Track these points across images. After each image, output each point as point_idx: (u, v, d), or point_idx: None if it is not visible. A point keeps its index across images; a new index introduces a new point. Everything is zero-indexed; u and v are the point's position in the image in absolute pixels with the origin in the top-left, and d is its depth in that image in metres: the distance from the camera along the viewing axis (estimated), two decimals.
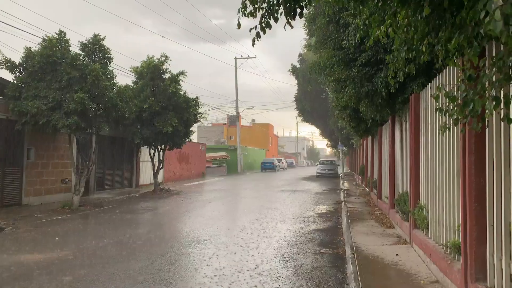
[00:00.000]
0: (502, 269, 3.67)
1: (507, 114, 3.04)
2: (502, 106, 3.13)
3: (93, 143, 14.91)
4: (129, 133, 17.64)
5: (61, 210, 12.52)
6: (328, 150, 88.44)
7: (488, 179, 3.97)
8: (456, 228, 4.92)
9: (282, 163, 56.71)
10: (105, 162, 18.48)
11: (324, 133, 43.01)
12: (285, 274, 5.97)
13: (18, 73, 12.46)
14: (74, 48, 13.18)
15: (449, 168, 5.27)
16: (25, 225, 9.98)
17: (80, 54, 12.94)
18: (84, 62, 12.75)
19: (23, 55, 12.39)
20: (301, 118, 42.29)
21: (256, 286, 5.40)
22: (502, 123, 3.67)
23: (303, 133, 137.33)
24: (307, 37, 19.83)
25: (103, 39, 13.42)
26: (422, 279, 5.41)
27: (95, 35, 13.37)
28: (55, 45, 12.29)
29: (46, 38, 12.43)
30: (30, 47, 12.48)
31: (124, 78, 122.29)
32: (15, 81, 12.36)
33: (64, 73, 12.08)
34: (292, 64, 35.78)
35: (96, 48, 13.30)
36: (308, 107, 37.29)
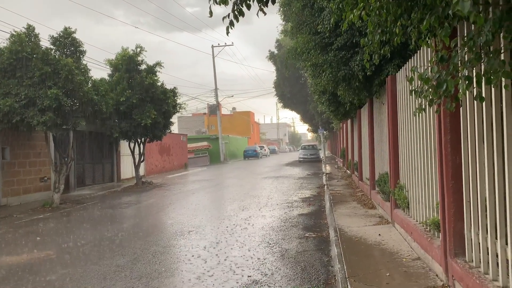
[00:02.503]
0: (479, 243, 3.78)
1: (479, 93, 3.09)
2: (474, 85, 3.18)
3: (70, 139, 14.61)
4: (107, 127, 17.32)
5: (42, 209, 12.29)
6: (310, 135, 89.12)
7: (463, 157, 4.06)
8: (435, 205, 5.04)
9: (265, 150, 56.85)
10: (85, 158, 18.18)
11: (305, 118, 43.16)
12: (271, 259, 6.03)
13: None
14: (45, 43, 12.83)
15: (427, 148, 5.37)
16: (4, 226, 9.76)
17: (51, 49, 12.57)
18: (56, 56, 12.39)
19: None
20: (281, 104, 42.31)
21: (242, 273, 5.43)
22: (475, 102, 3.74)
23: (284, 119, 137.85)
24: (283, 23, 19.74)
25: (74, 32, 13.06)
26: (404, 257, 5.54)
27: (65, 28, 12.99)
28: (24, 40, 11.90)
29: (15, 34, 12.01)
30: None
31: (99, 71, 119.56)
32: None
33: (35, 69, 11.73)
34: (269, 51, 35.59)
35: (67, 42, 12.95)
36: (288, 92, 37.31)
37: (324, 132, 36.10)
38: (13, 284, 5.46)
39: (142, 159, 19.42)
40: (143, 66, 18.08)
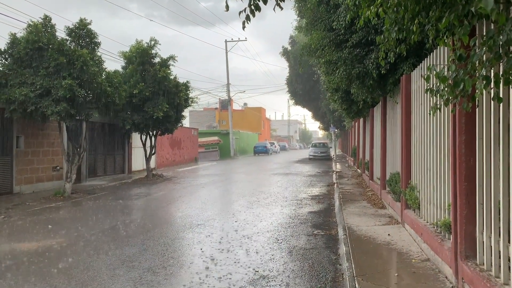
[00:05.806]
0: (491, 247, 3.72)
1: (497, 93, 3.04)
2: (492, 86, 3.12)
3: (83, 130, 14.77)
4: (120, 119, 17.48)
5: (53, 198, 12.46)
6: (321, 133, 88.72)
7: (478, 159, 3.99)
8: (446, 207, 4.98)
9: (275, 146, 56.85)
10: (97, 148, 18.36)
11: (316, 116, 42.99)
12: (279, 256, 6.03)
13: (3, 60, 12.20)
14: (60, 34, 12.93)
15: (440, 148, 5.31)
16: (17, 214, 9.92)
17: (66, 40, 12.69)
18: (71, 47, 12.51)
19: (8, 41, 12.13)
20: (293, 101, 42.19)
21: (250, 268, 5.45)
22: (492, 102, 3.67)
23: (296, 116, 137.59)
24: (298, 19, 19.61)
25: (89, 24, 13.16)
26: (413, 258, 5.49)
27: (81, 20, 13.09)
28: (41, 31, 12.04)
29: (31, 24, 12.16)
30: (15, 33, 12.23)
31: (112, 63, 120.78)
32: (0, 68, 12.11)
33: (51, 59, 11.86)
34: (283, 47, 35.56)
35: (83, 33, 13.05)
36: (300, 89, 37.17)
37: (336, 130, 35.91)
38: (25, 271, 5.55)
39: (153, 152, 19.55)
40: (157, 59, 18.15)
